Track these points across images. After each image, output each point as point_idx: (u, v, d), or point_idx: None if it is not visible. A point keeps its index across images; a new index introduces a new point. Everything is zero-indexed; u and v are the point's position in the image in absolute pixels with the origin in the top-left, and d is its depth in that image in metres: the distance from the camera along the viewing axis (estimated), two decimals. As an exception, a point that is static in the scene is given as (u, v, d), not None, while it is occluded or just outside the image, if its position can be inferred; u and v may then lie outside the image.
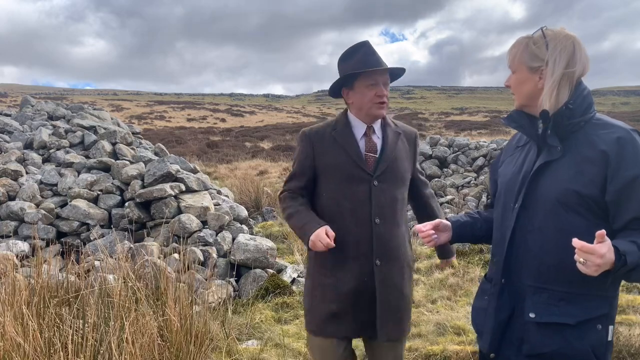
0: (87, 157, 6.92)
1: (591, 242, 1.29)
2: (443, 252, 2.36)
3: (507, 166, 1.68)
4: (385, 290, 2.05)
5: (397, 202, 2.11)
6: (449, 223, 1.73)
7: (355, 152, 2.08)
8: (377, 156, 2.10)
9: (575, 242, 1.28)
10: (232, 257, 4.94)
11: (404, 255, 2.13)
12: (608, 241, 1.28)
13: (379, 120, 2.15)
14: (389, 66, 2.08)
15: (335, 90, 2.17)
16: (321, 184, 2.13)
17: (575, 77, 1.48)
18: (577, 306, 1.46)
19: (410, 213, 2.76)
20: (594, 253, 1.25)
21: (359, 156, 2.08)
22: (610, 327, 1.50)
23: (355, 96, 2.09)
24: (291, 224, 2.13)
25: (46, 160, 7.11)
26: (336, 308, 2.07)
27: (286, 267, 5.17)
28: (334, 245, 1.92)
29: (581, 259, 1.28)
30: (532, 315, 1.50)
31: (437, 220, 1.71)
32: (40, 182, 6.05)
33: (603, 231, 1.26)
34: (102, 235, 5.27)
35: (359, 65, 2.04)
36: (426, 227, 1.69)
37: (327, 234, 1.93)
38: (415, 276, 5.11)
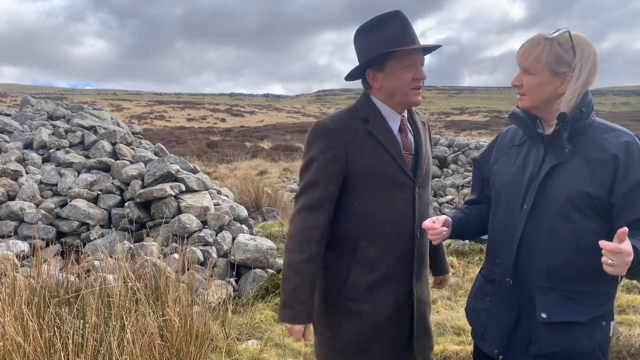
0: (87, 157, 6.92)
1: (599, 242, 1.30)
2: (437, 266, 2.09)
3: (505, 165, 1.65)
4: (420, 309, 1.83)
5: (429, 207, 1.85)
6: (450, 219, 1.72)
7: (398, 153, 1.70)
8: (412, 155, 1.76)
9: (604, 243, 1.27)
10: (232, 257, 4.94)
11: (428, 263, 1.92)
12: (628, 240, 1.28)
13: (405, 112, 1.79)
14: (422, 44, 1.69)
15: (358, 72, 1.74)
16: (352, 192, 1.70)
17: (591, 84, 1.49)
18: (584, 304, 1.48)
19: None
20: (623, 252, 1.26)
21: (401, 157, 1.71)
22: (612, 323, 1.53)
23: (387, 80, 1.69)
24: (287, 279, 1.71)
25: (46, 160, 7.10)
26: (370, 338, 1.76)
27: (286, 267, 5.16)
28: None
29: (610, 261, 1.27)
30: (543, 315, 1.50)
31: (443, 217, 1.69)
32: (40, 182, 6.04)
33: (625, 229, 1.27)
34: (102, 235, 5.27)
35: (393, 42, 1.62)
36: (437, 224, 1.63)
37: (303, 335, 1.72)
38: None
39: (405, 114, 1.79)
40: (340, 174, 1.68)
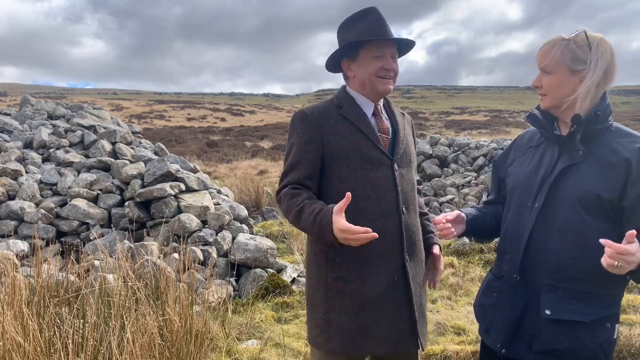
0: (87, 156, 6.92)
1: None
2: (431, 239, 1.98)
3: (520, 165, 1.69)
4: (417, 291, 1.80)
5: (414, 188, 1.88)
6: (464, 216, 1.75)
7: (371, 132, 1.79)
8: (390, 137, 1.84)
9: (606, 242, 1.30)
10: (232, 257, 4.93)
11: (423, 248, 1.90)
12: (637, 242, 1.31)
13: (382, 101, 1.91)
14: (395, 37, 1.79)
15: (335, 62, 1.88)
16: (331, 172, 1.77)
17: (608, 86, 1.51)
18: (589, 305, 1.50)
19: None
20: (628, 253, 1.29)
21: (375, 136, 1.79)
22: (617, 326, 1.55)
23: (358, 69, 1.81)
24: (302, 225, 1.70)
25: (46, 159, 7.10)
26: (366, 320, 1.74)
27: (286, 266, 5.16)
28: (374, 234, 1.52)
29: (616, 262, 1.30)
30: (547, 312, 1.53)
31: (456, 212, 1.72)
32: (40, 182, 6.04)
33: (634, 232, 1.30)
34: (102, 235, 5.26)
35: (364, 34, 1.76)
36: (446, 218, 1.67)
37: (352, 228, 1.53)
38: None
39: (381, 102, 1.90)
40: (318, 154, 1.77)
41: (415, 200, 1.89)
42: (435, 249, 1.95)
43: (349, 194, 1.57)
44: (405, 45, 1.87)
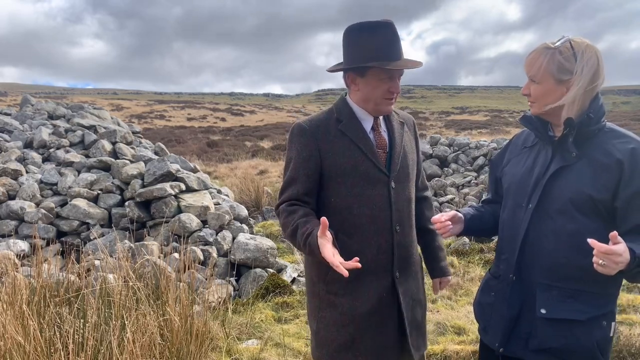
0: (87, 156, 6.92)
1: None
2: (435, 269, 2.06)
3: (515, 166, 1.71)
4: (408, 305, 1.83)
5: (411, 203, 1.89)
6: (462, 215, 1.77)
7: (370, 150, 1.78)
8: (387, 153, 1.83)
9: (593, 243, 1.31)
10: (232, 257, 4.94)
11: (417, 259, 1.93)
12: (623, 242, 1.32)
13: None
14: (405, 57, 1.77)
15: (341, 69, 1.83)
16: (329, 188, 1.79)
17: (597, 89, 1.52)
18: (585, 303, 1.52)
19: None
20: (613, 253, 1.29)
21: (374, 154, 1.78)
22: (613, 324, 1.57)
23: (364, 86, 1.78)
24: (296, 245, 1.72)
25: (46, 159, 7.10)
26: (352, 334, 1.78)
27: (286, 266, 5.17)
28: (358, 265, 1.50)
29: (600, 261, 1.31)
30: (543, 311, 1.55)
31: (452, 212, 1.75)
32: (40, 182, 6.04)
33: (615, 232, 1.31)
34: (102, 235, 5.26)
35: (380, 53, 1.71)
36: (443, 217, 1.69)
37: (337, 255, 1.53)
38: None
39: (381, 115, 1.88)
40: (316, 170, 1.77)
41: (411, 215, 1.89)
42: (436, 287, 2.09)
43: (324, 219, 1.55)
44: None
